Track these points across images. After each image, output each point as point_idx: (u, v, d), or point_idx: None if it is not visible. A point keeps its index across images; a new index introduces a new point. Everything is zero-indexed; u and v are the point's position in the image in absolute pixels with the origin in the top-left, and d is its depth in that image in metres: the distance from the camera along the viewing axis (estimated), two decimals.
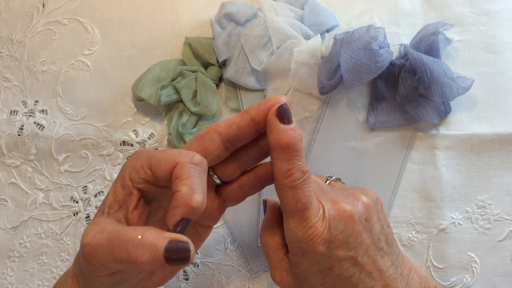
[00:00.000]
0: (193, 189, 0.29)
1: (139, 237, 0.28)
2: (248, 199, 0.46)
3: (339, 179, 0.39)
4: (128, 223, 0.32)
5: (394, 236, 0.36)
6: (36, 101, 0.48)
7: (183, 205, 0.28)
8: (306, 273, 0.34)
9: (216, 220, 0.37)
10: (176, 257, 0.28)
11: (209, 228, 0.37)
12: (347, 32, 0.42)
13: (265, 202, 0.39)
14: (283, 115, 0.31)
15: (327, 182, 0.37)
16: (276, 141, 0.31)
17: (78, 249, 0.47)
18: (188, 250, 0.28)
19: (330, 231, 0.32)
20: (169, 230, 0.29)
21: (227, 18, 0.45)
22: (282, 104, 0.32)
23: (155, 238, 0.28)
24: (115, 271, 0.30)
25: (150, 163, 0.31)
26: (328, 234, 0.32)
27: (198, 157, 0.30)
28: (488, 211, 0.46)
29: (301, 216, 0.32)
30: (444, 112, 0.45)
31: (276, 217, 0.37)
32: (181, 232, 0.29)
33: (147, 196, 0.33)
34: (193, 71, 0.45)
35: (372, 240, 0.34)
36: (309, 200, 0.32)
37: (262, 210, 0.46)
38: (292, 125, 0.31)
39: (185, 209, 0.28)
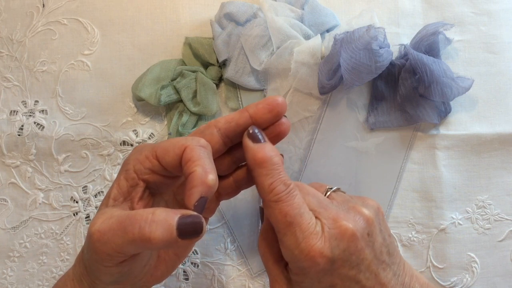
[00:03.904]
0: (206, 169, 0.30)
1: (151, 215, 0.29)
2: (248, 199, 0.46)
3: (339, 188, 0.38)
4: None
5: (395, 244, 0.36)
6: (36, 101, 0.48)
7: (200, 184, 0.29)
8: None
9: (212, 212, 0.38)
10: (189, 230, 0.29)
11: (205, 220, 0.38)
12: (347, 32, 0.42)
13: (262, 209, 0.39)
14: (254, 137, 0.33)
15: (327, 194, 0.36)
16: (253, 159, 0.32)
17: (78, 249, 0.47)
18: (200, 222, 0.29)
19: (332, 251, 0.31)
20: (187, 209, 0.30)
21: (227, 18, 0.45)
22: (249, 130, 0.33)
23: (167, 215, 0.29)
24: (126, 256, 0.30)
25: (156, 153, 0.32)
26: (331, 253, 0.31)
27: (203, 141, 0.32)
28: (488, 211, 0.46)
29: (293, 231, 0.32)
30: (444, 112, 0.45)
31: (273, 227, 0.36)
32: (199, 210, 0.29)
33: (151, 188, 0.34)
34: (193, 71, 0.46)
35: (375, 254, 0.33)
36: (297, 213, 0.32)
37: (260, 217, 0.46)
38: (265, 143, 0.33)
39: (202, 188, 0.29)
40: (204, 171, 0.30)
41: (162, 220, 0.29)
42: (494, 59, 0.47)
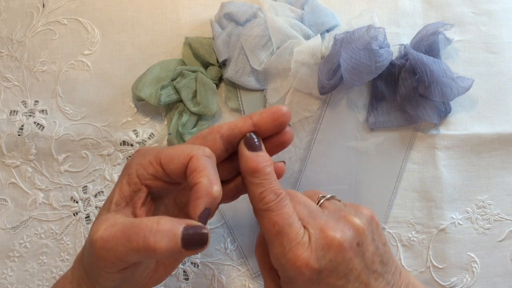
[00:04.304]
0: (212, 180, 0.30)
1: (156, 224, 0.29)
2: (248, 199, 0.46)
3: (334, 196, 0.37)
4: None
5: (391, 253, 0.35)
6: (36, 101, 0.48)
7: (205, 195, 0.29)
8: None
9: (211, 215, 0.38)
10: (194, 240, 0.29)
11: None
12: (347, 32, 0.42)
13: None
14: (250, 144, 0.33)
15: (319, 203, 0.36)
16: (245, 167, 0.33)
17: (78, 249, 0.47)
18: (205, 233, 0.29)
19: (318, 261, 0.31)
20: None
21: (227, 18, 0.45)
22: (246, 135, 0.34)
23: (172, 224, 0.29)
24: (129, 264, 0.30)
25: (160, 159, 0.32)
26: (317, 264, 0.31)
27: (209, 151, 0.32)
28: (488, 211, 0.46)
29: (280, 240, 0.32)
30: (444, 112, 0.45)
31: None
32: (203, 221, 0.29)
33: (153, 193, 0.33)
34: (193, 71, 0.46)
35: (365, 264, 0.33)
36: (286, 222, 0.32)
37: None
38: (260, 153, 0.33)
39: (207, 199, 0.29)
40: (210, 182, 0.29)
41: (168, 230, 0.28)
42: (494, 59, 0.47)
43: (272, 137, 0.35)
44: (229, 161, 0.36)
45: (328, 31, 0.46)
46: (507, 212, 0.46)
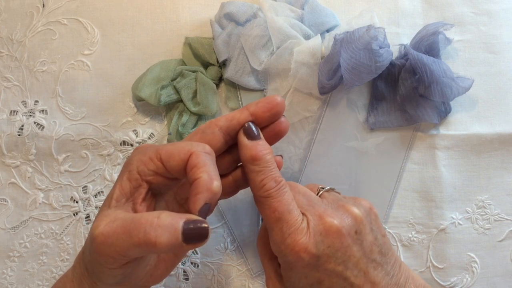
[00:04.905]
0: (212, 176, 0.30)
1: (156, 219, 0.29)
2: (248, 199, 0.46)
3: (333, 189, 0.38)
4: None
5: (390, 244, 0.36)
6: (36, 101, 0.48)
7: (205, 190, 0.30)
8: (296, 287, 0.34)
9: (210, 211, 0.38)
10: (194, 234, 0.29)
11: None
12: (347, 32, 0.42)
13: None
14: (249, 133, 0.34)
15: (319, 194, 0.37)
16: (246, 155, 0.34)
17: (78, 249, 0.47)
18: (206, 228, 0.29)
19: (316, 247, 0.32)
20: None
21: (227, 18, 0.45)
22: (245, 125, 0.34)
23: (172, 219, 0.29)
24: (130, 259, 0.30)
25: (161, 156, 0.32)
26: (315, 249, 0.32)
27: (208, 147, 0.33)
28: (488, 211, 0.46)
29: (280, 226, 0.32)
30: (444, 112, 0.45)
31: None
32: (203, 216, 0.30)
33: (153, 189, 0.34)
34: (193, 71, 0.46)
35: (364, 252, 0.33)
36: (285, 209, 0.33)
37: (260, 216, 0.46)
38: (259, 141, 0.34)
39: (207, 194, 0.30)
40: (210, 178, 0.30)
41: (168, 224, 0.29)
42: (494, 59, 0.47)
43: (268, 127, 0.36)
44: (229, 154, 0.37)
45: (328, 31, 0.46)
46: (507, 212, 0.46)
